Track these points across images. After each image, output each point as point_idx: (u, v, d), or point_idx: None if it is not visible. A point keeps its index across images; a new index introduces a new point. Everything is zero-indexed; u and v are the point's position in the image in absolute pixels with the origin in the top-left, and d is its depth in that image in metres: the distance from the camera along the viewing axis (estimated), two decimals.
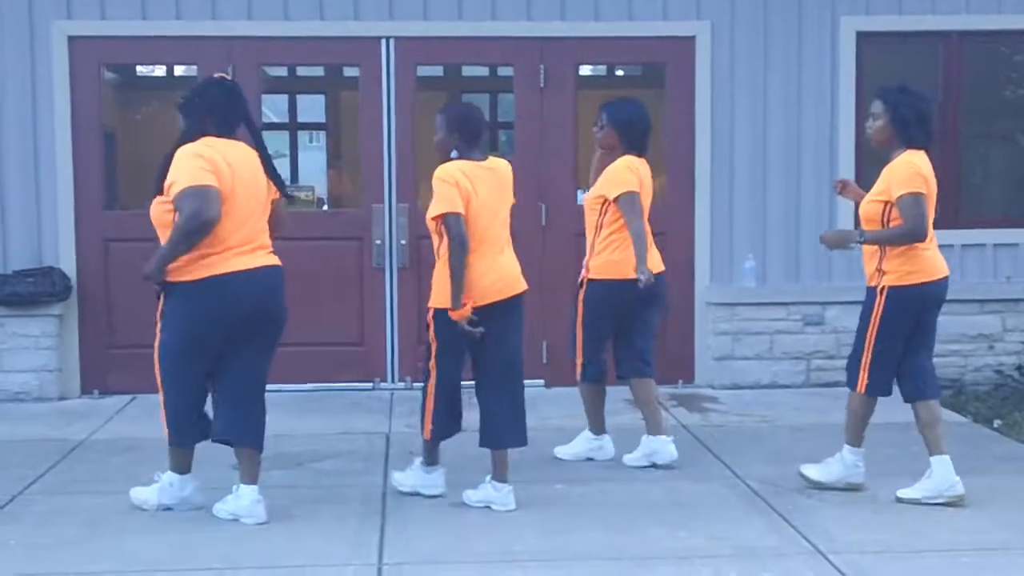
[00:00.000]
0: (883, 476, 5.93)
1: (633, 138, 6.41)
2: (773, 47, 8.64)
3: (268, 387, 5.64)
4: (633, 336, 6.46)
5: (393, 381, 8.62)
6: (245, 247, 5.34)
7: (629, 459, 6.44)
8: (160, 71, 11.47)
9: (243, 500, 5.44)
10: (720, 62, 8.60)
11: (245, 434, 5.47)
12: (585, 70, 10.00)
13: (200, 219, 5.12)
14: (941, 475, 5.66)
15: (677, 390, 8.49)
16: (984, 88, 8.99)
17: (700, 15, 8.58)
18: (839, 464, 5.90)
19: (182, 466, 5.59)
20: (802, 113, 8.69)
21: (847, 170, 8.64)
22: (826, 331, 8.69)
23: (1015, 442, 7.08)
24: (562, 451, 6.65)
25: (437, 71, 11.06)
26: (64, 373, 8.33)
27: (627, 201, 6.25)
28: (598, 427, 6.63)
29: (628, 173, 6.31)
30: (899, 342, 5.74)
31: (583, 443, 6.64)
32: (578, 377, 6.55)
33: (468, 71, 11.72)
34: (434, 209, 5.54)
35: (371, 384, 8.58)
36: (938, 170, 5.86)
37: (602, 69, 11.49)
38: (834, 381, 8.57)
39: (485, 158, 5.72)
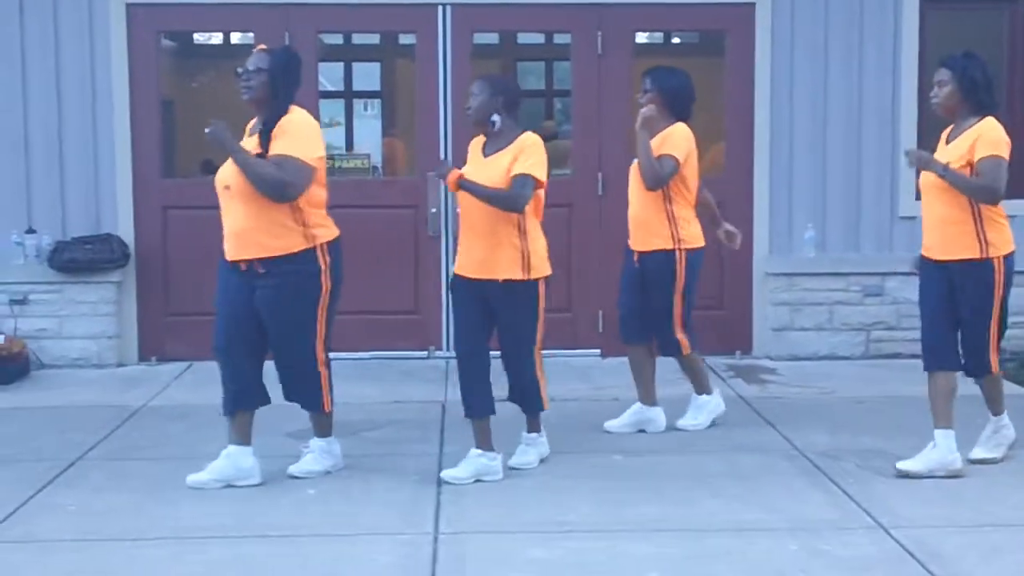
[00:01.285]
0: None
1: (680, 105, 6.36)
2: (834, 14, 8.48)
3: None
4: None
5: (448, 349, 8.59)
6: None
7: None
8: (217, 39, 11.50)
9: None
10: (780, 29, 8.46)
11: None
12: (641, 38, 9.89)
13: (295, 191, 5.28)
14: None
15: (735, 361, 8.41)
16: None
17: None
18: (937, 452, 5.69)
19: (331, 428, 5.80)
20: (863, 81, 8.54)
21: (909, 138, 8.48)
22: (886, 302, 8.57)
23: None
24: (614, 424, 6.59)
25: (493, 39, 11.00)
26: (122, 340, 8.39)
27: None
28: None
29: (684, 141, 6.28)
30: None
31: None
32: (685, 350, 6.47)
33: (523, 38, 11.65)
34: (540, 173, 5.53)
35: (426, 352, 8.57)
36: None
37: (659, 37, 11.37)
38: (894, 353, 8.49)
39: (521, 131, 5.67)
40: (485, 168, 5.60)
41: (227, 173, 5.41)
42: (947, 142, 5.73)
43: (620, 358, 8.13)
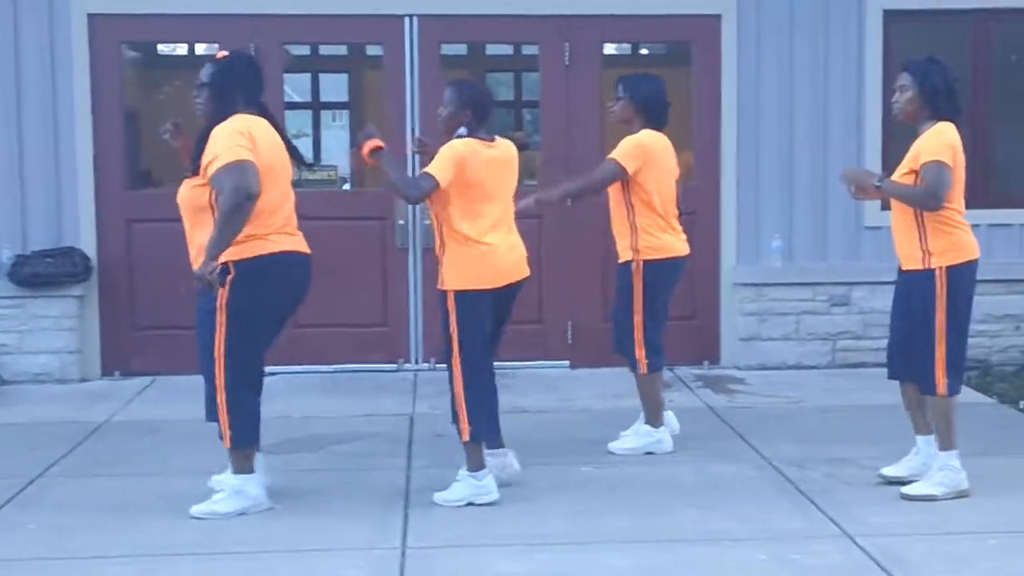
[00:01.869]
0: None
1: (651, 112, 6.26)
2: (800, 26, 8.53)
3: (295, 368, 5.60)
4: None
5: (417, 362, 8.56)
6: (288, 227, 5.28)
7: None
8: (182, 50, 11.43)
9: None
10: (746, 40, 8.50)
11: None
12: (610, 49, 9.91)
13: (242, 193, 4.91)
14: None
15: (703, 371, 8.41)
16: (1013, 67, 8.86)
17: None
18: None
19: (250, 466, 5.31)
20: (829, 92, 8.58)
21: (874, 148, 8.54)
22: (852, 312, 8.61)
23: None
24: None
25: (461, 49, 11.00)
26: (85, 355, 8.30)
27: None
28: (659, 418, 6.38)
29: (635, 148, 6.16)
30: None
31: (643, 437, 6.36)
32: (642, 369, 6.21)
33: (492, 49, 11.64)
34: (435, 170, 5.39)
35: (395, 365, 8.53)
36: (966, 149, 5.69)
37: (627, 48, 11.40)
38: (860, 362, 8.53)
39: (492, 139, 5.59)
40: None
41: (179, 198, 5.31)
42: (907, 150, 5.64)
43: (590, 369, 8.18)
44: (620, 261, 6.29)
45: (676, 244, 6.34)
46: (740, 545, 4.90)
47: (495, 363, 5.62)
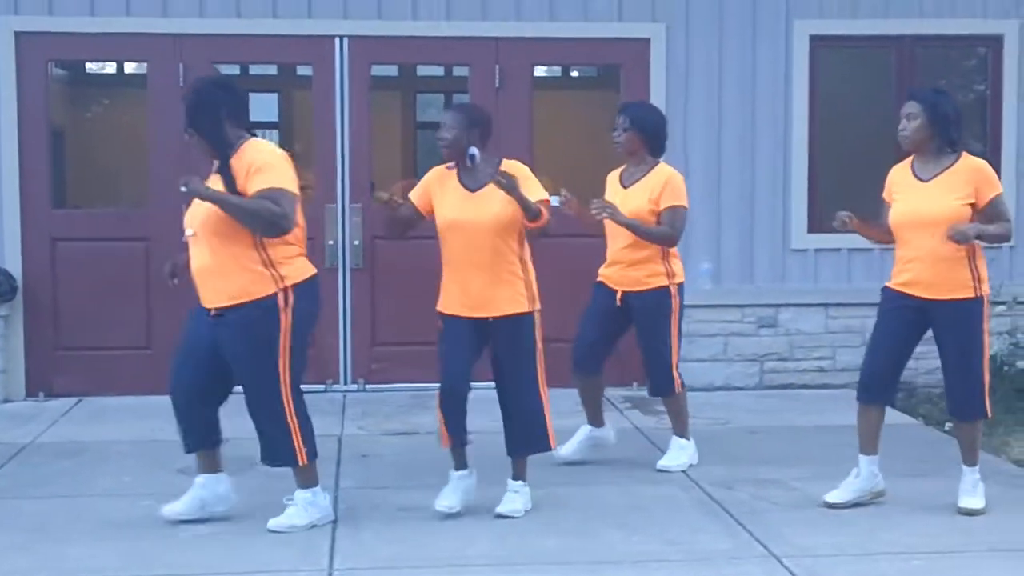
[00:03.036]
0: (835, 478, 5.91)
1: (656, 142, 6.44)
2: (728, 50, 8.66)
3: None
4: None
5: (346, 383, 8.53)
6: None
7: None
8: (110, 68, 11.33)
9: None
10: (675, 64, 8.60)
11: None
12: (540, 71, 9.97)
13: (287, 226, 5.07)
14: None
15: (632, 392, 8.46)
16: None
17: (655, 17, 8.57)
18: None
19: (316, 477, 5.44)
20: (756, 115, 8.71)
21: (800, 171, 8.68)
22: (779, 333, 8.72)
23: None
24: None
25: (392, 70, 11.00)
26: (8, 375, 8.18)
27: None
28: None
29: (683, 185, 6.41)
30: None
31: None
32: (678, 388, 6.52)
33: (423, 70, 11.67)
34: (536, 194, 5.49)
35: (323, 386, 8.49)
36: (886, 173, 5.83)
37: (557, 70, 11.47)
38: (787, 383, 8.64)
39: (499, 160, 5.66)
40: (475, 201, 5.54)
41: (190, 218, 5.21)
42: (920, 178, 5.60)
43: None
44: (646, 288, 6.35)
45: (602, 269, 6.56)
46: (666, 567, 4.92)
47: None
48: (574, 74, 11.76)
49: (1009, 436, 7.33)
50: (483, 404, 5.70)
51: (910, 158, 5.71)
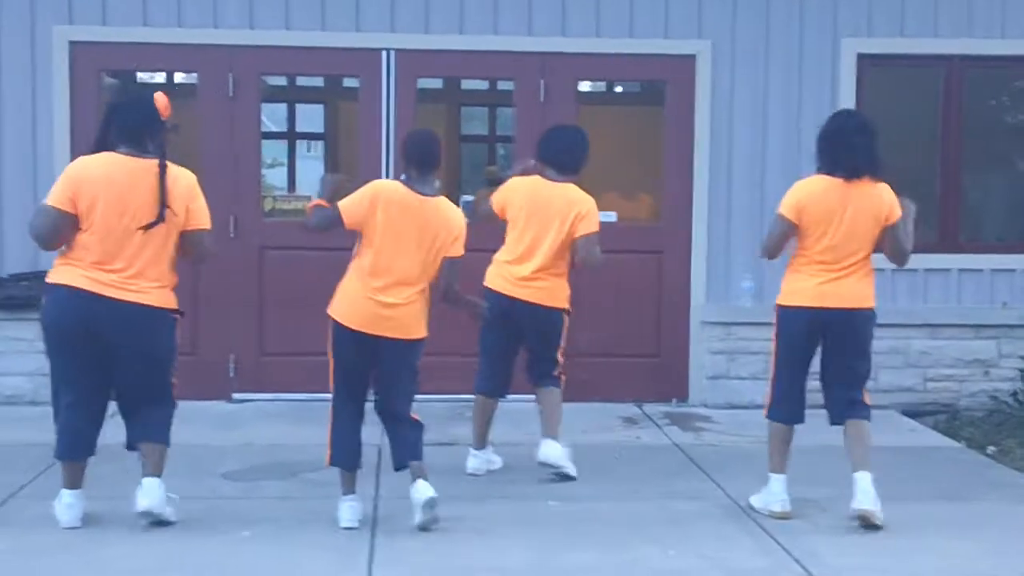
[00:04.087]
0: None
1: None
2: (774, 67, 8.65)
3: (263, 396, 5.61)
4: None
5: None
6: (106, 266, 5.30)
7: None
8: (161, 78, 11.46)
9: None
10: (720, 81, 8.60)
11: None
12: (585, 86, 10.00)
13: (31, 232, 5.37)
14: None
15: (671, 408, 8.46)
16: (985, 112, 8.99)
17: (701, 34, 8.58)
18: None
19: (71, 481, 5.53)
20: (802, 134, 8.66)
21: None
22: (820, 352, 8.65)
23: (1009, 469, 7.04)
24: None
25: (437, 83, 11.07)
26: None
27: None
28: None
29: None
30: None
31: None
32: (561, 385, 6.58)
33: (468, 84, 11.73)
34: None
35: None
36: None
37: (602, 85, 11.50)
38: None
39: (433, 194, 5.67)
40: None
41: None
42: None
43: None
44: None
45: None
46: None
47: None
48: (619, 89, 11.78)
49: None
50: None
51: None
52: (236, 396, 8.30)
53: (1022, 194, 9.27)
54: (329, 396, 5.70)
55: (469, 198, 8.36)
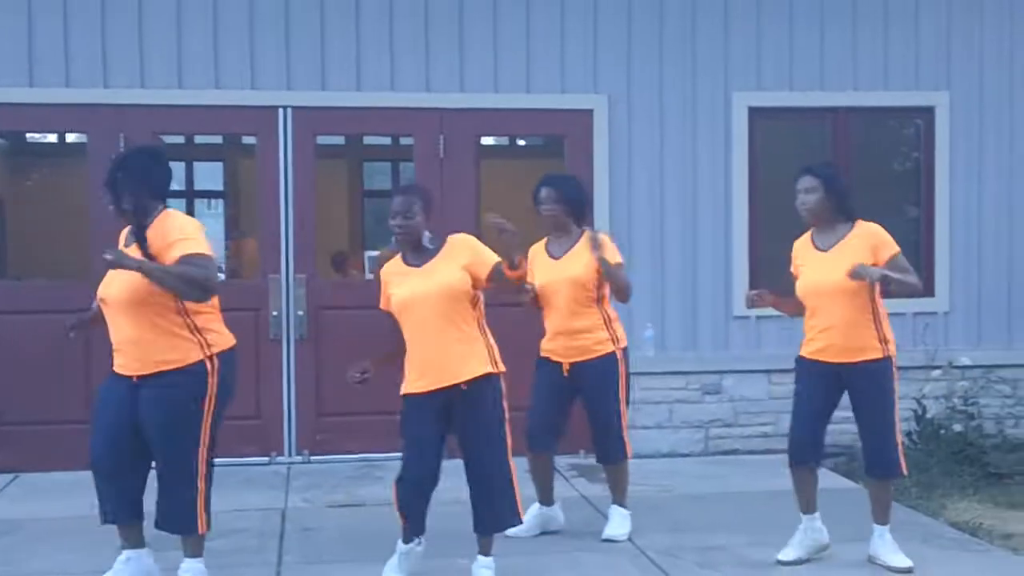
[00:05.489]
0: (779, 544, 5.93)
1: (584, 210, 6.64)
2: (669, 121, 8.78)
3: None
4: None
5: (290, 455, 8.46)
6: None
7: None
8: (52, 138, 11.28)
9: None
10: (617, 134, 8.71)
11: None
12: (487, 140, 10.04)
13: (214, 289, 5.09)
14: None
15: (579, 460, 8.45)
16: (871, 161, 9.20)
17: (597, 88, 8.69)
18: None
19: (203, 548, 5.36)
20: (698, 184, 8.83)
21: (741, 240, 8.78)
22: (723, 400, 8.77)
23: (905, 508, 7.14)
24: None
25: (338, 139, 11.03)
26: None
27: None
28: None
29: None
30: None
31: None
32: (629, 454, 6.52)
33: (370, 139, 11.71)
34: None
35: (267, 458, 8.41)
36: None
37: (504, 139, 11.57)
38: (732, 449, 8.68)
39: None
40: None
41: (105, 288, 5.20)
42: (820, 248, 5.87)
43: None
44: (594, 357, 6.39)
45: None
46: None
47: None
48: (520, 143, 11.86)
49: (946, 499, 7.41)
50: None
51: (810, 231, 5.96)
52: None
53: (911, 239, 9.48)
54: None
55: (374, 253, 8.32)
